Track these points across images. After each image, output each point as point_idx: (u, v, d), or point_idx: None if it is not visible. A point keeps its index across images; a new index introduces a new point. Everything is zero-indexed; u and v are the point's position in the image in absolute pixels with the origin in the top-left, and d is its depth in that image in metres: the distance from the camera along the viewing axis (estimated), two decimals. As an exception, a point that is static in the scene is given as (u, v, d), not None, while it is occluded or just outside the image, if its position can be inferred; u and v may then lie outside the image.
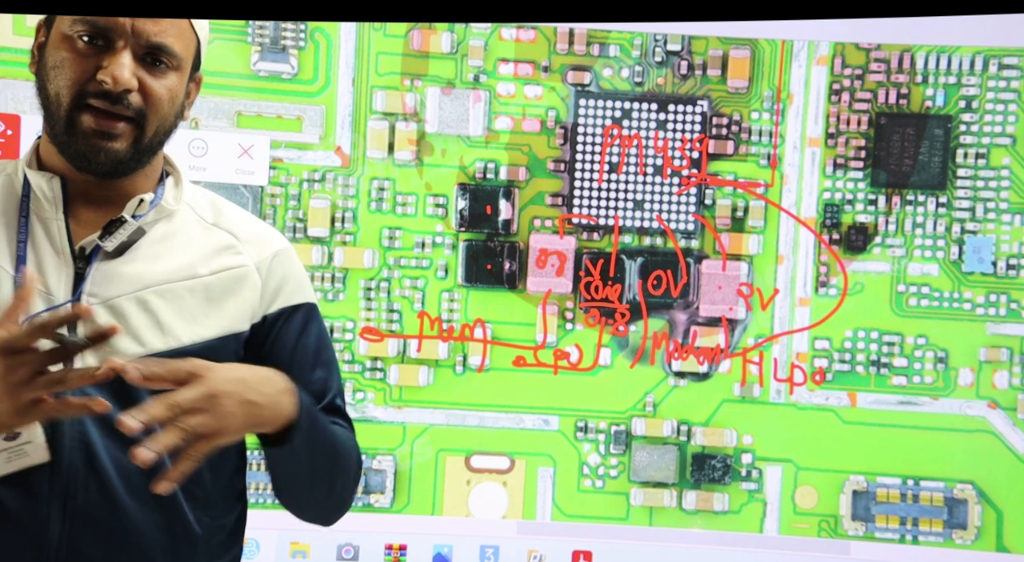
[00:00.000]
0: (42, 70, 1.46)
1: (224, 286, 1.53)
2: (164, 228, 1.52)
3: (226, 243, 1.56)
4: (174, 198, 1.54)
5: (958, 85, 2.50)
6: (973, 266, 2.51)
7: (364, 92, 2.48)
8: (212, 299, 1.52)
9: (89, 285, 1.45)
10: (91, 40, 1.43)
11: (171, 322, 1.48)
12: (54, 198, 1.47)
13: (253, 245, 1.57)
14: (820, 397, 2.53)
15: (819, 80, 2.51)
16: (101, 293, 1.45)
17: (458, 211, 2.51)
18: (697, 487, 2.54)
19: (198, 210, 1.57)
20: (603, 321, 2.52)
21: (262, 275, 1.56)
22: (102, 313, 1.44)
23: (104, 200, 1.49)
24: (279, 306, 1.58)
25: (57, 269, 1.45)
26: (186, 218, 1.55)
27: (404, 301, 2.50)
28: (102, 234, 1.46)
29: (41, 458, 1.40)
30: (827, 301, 2.52)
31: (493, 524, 2.53)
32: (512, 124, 2.51)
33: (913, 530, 2.52)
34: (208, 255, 1.53)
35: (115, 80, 1.41)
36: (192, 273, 1.51)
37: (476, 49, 2.49)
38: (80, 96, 1.43)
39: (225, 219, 1.59)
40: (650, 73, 2.52)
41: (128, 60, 1.43)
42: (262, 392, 1.39)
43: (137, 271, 1.48)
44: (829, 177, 2.52)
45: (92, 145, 1.44)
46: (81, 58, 1.43)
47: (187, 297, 1.50)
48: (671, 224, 2.52)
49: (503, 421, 2.52)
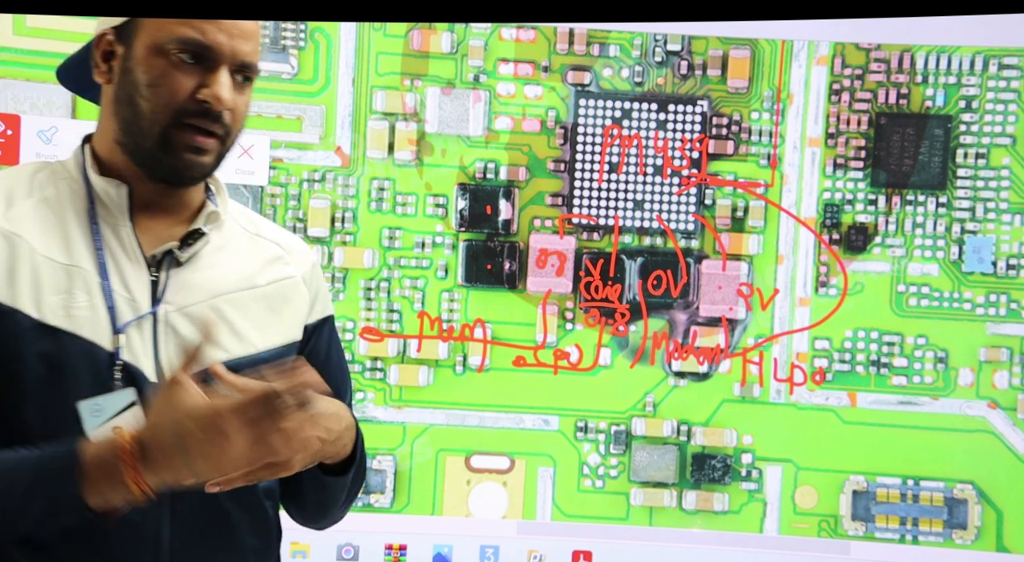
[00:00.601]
0: (128, 84, 1.46)
1: (280, 295, 1.57)
2: (218, 238, 1.55)
3: (275, 254, 1.59)
4: (223, 208, 1.57)
5: (958, 85, 2.50)
6: (973, 266, 2.51)
7: (364, 92, 2.48)
8: (272, 308, 1.55)
9: (167, 293, 1.47)
10: (190, 58, 1.44)
11: (245, 329, 1.51)
12: (121, 205, 1.48)
13: (295, 256, 1.62)
14: (820, 397, 2.53)
15: (819, 80, 2.51)
16: (177, 301, 1.48)
17: (458, 211, 2.51)
18: (697, 487, 2.54)
19: (239, 220, 1.60)
20: (603, 321, 2.52)
21: (307, 286, 1.61)
22: (181, 320, 1.46)
23: (164, 208, 1.51)
24: (316, 317, 1.62)
25: (136, 277, 1.47)
26: (232, 227, 1.58)
27: (404, 301, 2.50)
28: (181, 244, 1.49)
29: None
30: (827, 301, 2.52)
31: (493, 524, 2.53)
32: (512, 124, 2.51)
33: (913, 530, 2.52)
34: (261, 265, 1.57)
35: (218, 100, 1.43)
36: (252, 283, 1.55)
37: (476, 49, 2.49)
38: (180, 114, 1.44)
39: (264, 229, 1.63)
40: (650, 73, 2.52)
41: (228, 79, 1.45)
42: (331, 429, 1.42)
43: (205, 279, 1.50)
44: (829, 177, 2.53)
45: (186, 161, 1.46)
46: (182, 76, 1.44)
47: (252, 305, 1.53)
48: (671, 224, 2.52)
49: (503, 421, 2.52)
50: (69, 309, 1.41)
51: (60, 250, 1.44)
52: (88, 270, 1.44)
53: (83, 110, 2.41)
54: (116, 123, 1.47)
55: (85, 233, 1.46)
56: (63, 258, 1.44)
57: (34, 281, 1.41)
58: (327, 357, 1.63)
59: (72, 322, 1.41)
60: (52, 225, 1.45)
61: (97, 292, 1.43)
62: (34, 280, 1.41)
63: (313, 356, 1.58)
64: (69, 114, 2.41)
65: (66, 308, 1.41)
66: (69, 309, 1.41)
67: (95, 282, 1.43)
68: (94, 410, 1.38)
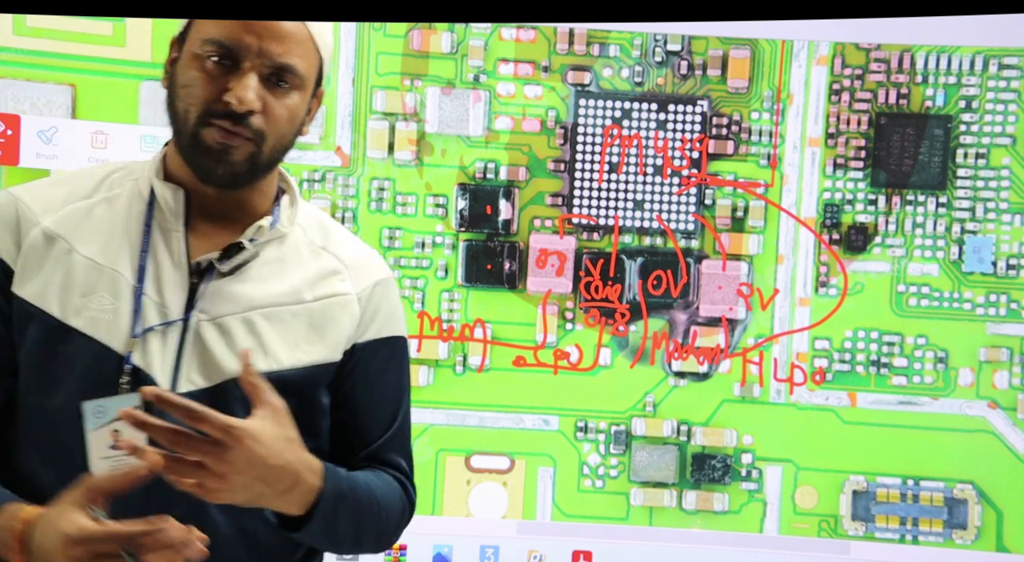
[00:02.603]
0: (173, 87, 1.49)
1: (326, 313, 1.55)
2: (276, 251, 1.54)
3: (332, 268, 1.57)
4: (288, 219, 1.57)
5: (958, 85, 2.50)
6: (973, 266, 2.51)
7: (364, 92, 2.48)
8: (314, 325, 1.54)
9: (201, 302, 1.47)
10: (220, 61, 1.45)
11: (274, 345, 1.50)
12: (177, 210, 1.50)
13: (357, 271, 1.59)
14: (820, 397, 2.53)
15: (819, 80, 2.51)
16: (211, 310, 1.48)
17: (458, 211, 2.51)
18: (697, 487, 2.54)
19: (308, 232, 1.59)
20: (603, 321, 2.52)
21: (361, 304, 1.58)
22: (210, 330, 1.47)
23: (221, 215, 1.52)
24: (370, 337, 1.59)
25: (174, 283, 1.48)
26: (297, 240, 1.57)
27: (404, 301, 2.50)
28: (221, 256, 1.49)
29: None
30: (827, 301, 2.52)
31: (493, 524, 2.53)
32: (512, 124, 2.51)
33: (913, 530, 2.52)
34: (314, 280, 1.55)
35: (240, 101, 1.44)
36: (298, 298, 1.53)
37: (476, 49, 2.49)
38: (206, 114, 1.45)
39: (333, 242, 1.60)
40: (650, 73, 2.52)
41: (254, 82, 1.45)
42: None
43: (246, 292, 1.50)
44: (829, 177, 2.53)
45: (213, 159, 1.46)
46: (210, 78, 1.45)
47: (291, 321, 1.52)
48: (671, 224, 2.52)
49: (503, 421, 2.52)
50: (91, 311, 1.44)
51: (102, 251, 1.47)
52: (123, 273, 1.46)
53: (83, 110, 2.41)
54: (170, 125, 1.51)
55: (135, 236, 1.49)
56: (102, 259, 1.46)
57: (65, 282, 1.44)
58: (376, 380, 1.59)
59: (89, 323, 1.43)
60: (103, 226, 1.48)
61: (126, 295, 1.45)
62: (64, 281, 1.45)
63: (356, 376, 1.56)
64: (69, 114, 2.41)
65: (88, 309, 1.44)
66: (91, 311, 1.44)
67: (127, 285, 1.46)
68: (97, 411, 1.39)
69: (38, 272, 1.45)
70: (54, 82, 2.41)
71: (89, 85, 2.41)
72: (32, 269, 1.46)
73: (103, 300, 1.45)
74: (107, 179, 1.53)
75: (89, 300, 1.44)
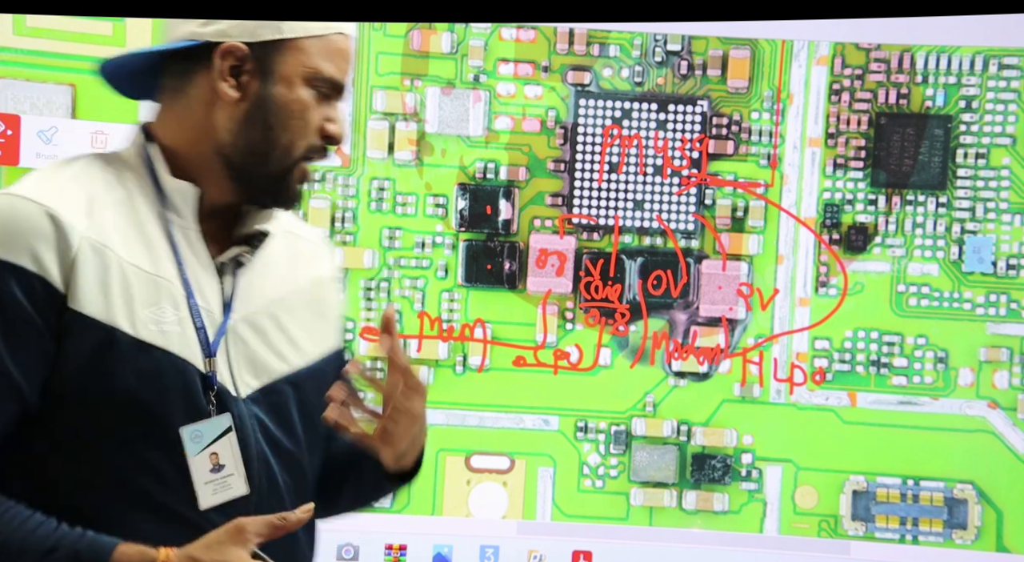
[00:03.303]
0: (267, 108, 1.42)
1: (319, 296, 1.54)
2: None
3: (307, 250, 1.55)
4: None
5: (958, 85, 2.50)
6: (973, 266, 2.51)
7: (364, 92, 2.48)
8: (316, 311, 1.53)
9: (236, 302, 1.43)
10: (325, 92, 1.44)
11: (300, 336, 1.48)
12: (192, 209, 1.42)
13: (323, 249, 1.59)
14: (820, 397, 2.53)
15: (819, 80, 2.51)
16: (241, 310, 1.43)
17: (458, 211, 2.51)
18: (697, 487, 2.54)
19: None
20: (603, 321, 2.52)
21: (337, 282, 1.58)
22: (246, 330, 1.43)
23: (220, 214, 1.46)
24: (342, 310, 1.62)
25: (209, 286, 1.42)
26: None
27: (404, 301, 2.50)
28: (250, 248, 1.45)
29: (242, 490, 1.39)
30: (827, 301, 2.52)
31: (493, 524, 2.53)
32: (512, 124, 2.51)
33: (913, 530, 2.52)
34: (298, 265, 1.53)
35: (342, 136, 1.46)
36: (297, 285, 1.51)
37: (476, 49, 2.49)
38: (310, 149, 1.45)
39: (294, 224, 1.57)
40: (650, 73, 2.52)
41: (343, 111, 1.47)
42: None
43: (261, 285, 1.47)
44: (829, 177, 2.53)
45: (299, 191, 1.46)
46: (316, 111, 1.44)
47: (303, 309, 1.50)
48: (671, 224, 2.52)
49: (503, 421, 2.52)
50: (161, 324, 1.36)
51: (144, 258, 1.38)
52: (172, 281, 1.38)
53: (83, 110, 2.41)
54: (233, 139, 1.42)
55: (163, 239, 1.40)
56: (149, 267, 1.37)
57: (126, 294, 1.35)
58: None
59: (165, 339, 1.36)
60: (132, 230, 1.39)
61: (184, 306, 1.38)
62: (125, 293, 1.35)
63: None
64: (69, 114, 2.41)
65: (158, 323, 1.36)
66: (161, 324, 1.36)
67: (180, 295, 1.38)
68: (195, 436, 1.35)
69: (96, 285, 1.33)
70: (54, 82, 2.41)
71: (89, 85, 2.40)
72: (89, 282, 1.33)
73: (165, 312, 1.37)
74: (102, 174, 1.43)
75: (154, 313, 1.36)
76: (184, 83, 1.44)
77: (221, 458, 1.36)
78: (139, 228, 1.39)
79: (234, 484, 1.39)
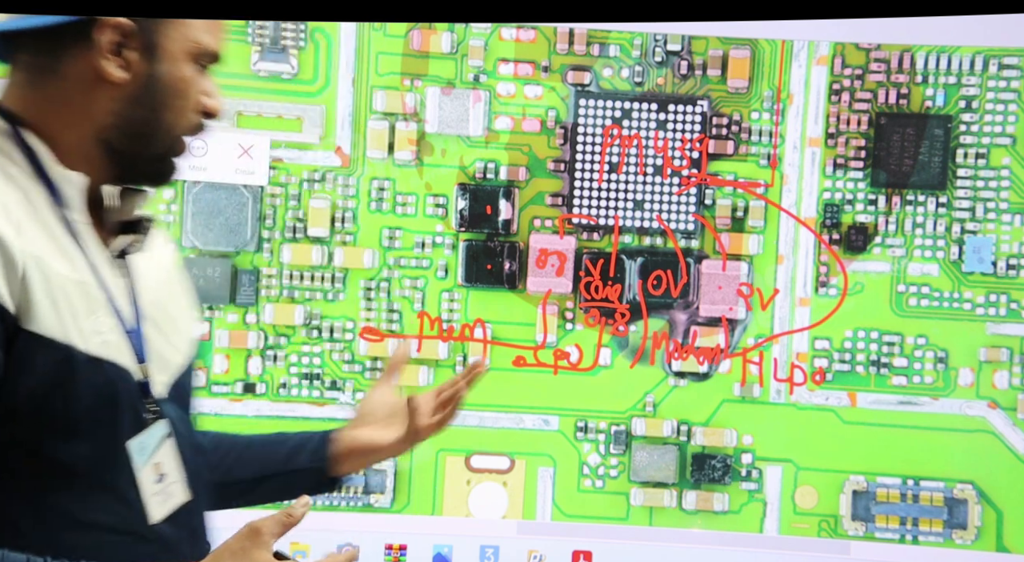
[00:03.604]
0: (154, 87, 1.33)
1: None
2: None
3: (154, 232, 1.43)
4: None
5: (958, 85, 2.50)
6: (973, 266, 2.51)
7: (364, 92, 2.48)
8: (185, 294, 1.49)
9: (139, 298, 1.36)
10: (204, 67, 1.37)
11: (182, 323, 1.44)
12: (81, 201, 1.32)
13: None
14: (820, 397, 2.53)
15: (819, 80, 2.51)
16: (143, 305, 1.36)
17: (458, 211, 2.51)
18: (697, 487, 2.54)
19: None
20: (603, 321, 2.52)
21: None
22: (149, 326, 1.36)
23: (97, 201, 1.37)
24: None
25: (115, 282, 1.33)
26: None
27: (404, 301, 2.50)
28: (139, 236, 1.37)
29: (184, 496, 1.36)
30: (827, 301, 2.52)
31: (493, 524, 2.53)
32: (512, 124, 2.51)
33: (913, 530, 2.52)
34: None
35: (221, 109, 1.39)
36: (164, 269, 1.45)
37: (476, 49, 2.49)
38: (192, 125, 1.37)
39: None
40: (650, 73, 2.52)
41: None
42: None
43: (146, 274, 1.39)
44: (829, 177, 2.52)
45: (176, 166, 1.38)
46: (197, 82, 1.36)
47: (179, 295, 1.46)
48: (671, 224, 2.52)
49: (503, 421, 2.52)
50: (102, 335, 1.28)
51: (64, 263, 1.27)
52: (93, 285, 1.29)
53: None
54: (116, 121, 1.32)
55: (69, 238, 1.29)
56: (71, 273, 1.27)
57: (70, 307, 1.25)
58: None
59: (107, 349, 1.28)
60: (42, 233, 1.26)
61: (110, 311, 1.30)
62: (70, 306, 1.25)
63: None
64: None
65: (99, 334, 1.28)
66: (102, 335, 1.28)
67: (103, 299, 1.30)
68: (140, 448, 1.30)
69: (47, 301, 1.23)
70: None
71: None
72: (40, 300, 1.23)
73: (102, 321, 1.28)
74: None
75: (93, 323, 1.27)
76: (53, 61, 1.31)
77: (163, 467, 1.32)
78: (46, 230, 1.27)
79: (176, 491, 1.35)
